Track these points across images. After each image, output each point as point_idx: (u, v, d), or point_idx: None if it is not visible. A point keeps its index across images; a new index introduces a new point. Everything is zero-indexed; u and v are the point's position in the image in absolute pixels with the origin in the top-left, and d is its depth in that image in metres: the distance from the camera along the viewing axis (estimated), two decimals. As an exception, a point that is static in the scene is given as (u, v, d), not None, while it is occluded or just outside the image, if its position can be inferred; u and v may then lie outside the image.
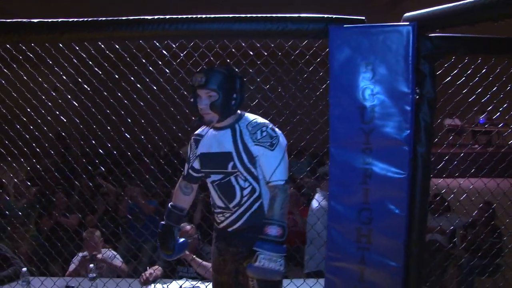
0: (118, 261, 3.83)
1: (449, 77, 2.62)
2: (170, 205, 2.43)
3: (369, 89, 2.33)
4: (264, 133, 2.12)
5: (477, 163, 3.39)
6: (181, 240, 2.43)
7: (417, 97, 2.32)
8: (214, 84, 2.04)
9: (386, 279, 2.45)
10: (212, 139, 2.23)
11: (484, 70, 2.71)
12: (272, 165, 2.12)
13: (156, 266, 3.54)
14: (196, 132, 2.35)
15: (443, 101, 2.70)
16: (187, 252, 3.50)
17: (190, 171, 2.39)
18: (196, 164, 2.34)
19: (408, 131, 2.31)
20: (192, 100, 2.14)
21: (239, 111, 2.22)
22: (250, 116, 2.23)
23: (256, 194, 2.18)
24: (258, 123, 2.17)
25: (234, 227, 2.23)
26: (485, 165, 3.32)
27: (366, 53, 2.32)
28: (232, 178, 2.16)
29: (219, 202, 2.25)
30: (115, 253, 3.94)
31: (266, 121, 2.20)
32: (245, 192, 2.17)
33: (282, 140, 2.19)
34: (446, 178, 3.28)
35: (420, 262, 2.46)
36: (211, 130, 2.26)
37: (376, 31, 2.31)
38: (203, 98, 2.08)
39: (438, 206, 4.95)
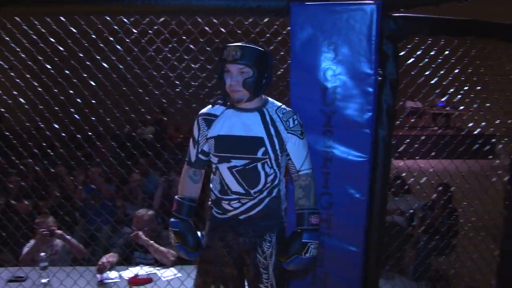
0: (75, 240, 3.67)
1: (412, 59, 2.58)
2: (180, 198, 2.18)
3: (331, 70, 2.27)
4: (296, 122, 2.02)
5: (437, 146, 3.41)
6: (199, 233, 2.21)
7: (380, 78, 2.27)
8: (249, 60, 1.88)
9: (346, 264, 2.43)
10: (234, 120, 2.03)
11: (446, 52, 2.68)
12: (303, 154, 2.05)
13: (112, 253, 3.42)
14: (205, 111, 2.09)
15: (405, 83, 2.66)
16: (144, 237, 3.40)
17: (200, 155, 2.14)
18: (206, 147, 2.11)
19: (370, 114, 2.27)
20: (219, 75, 1.96)
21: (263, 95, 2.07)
22: (275, 102, 2.09)
23: (277, 181, 2.09)
24: (288, 110, 2.05)
25: (250, 213, 2.09)
26: (445, 147, 3.35)
27: (328, 32, 2.24)
28: (259, 165, 2.02)
29: (236, 188, 2.06)
30: (69, 237, 3.77)
31: (293, 109, 2.07)
32: (269, 178, 2.05)
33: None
34: (406, 160, 3.28)
35: (380, 247, 2.45)
36: (229, 110, 2.05)
37: (339, 9, 2.24)
38: (234, 74, 1.91)
39: (399, 188, 5.03)
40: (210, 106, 2.09)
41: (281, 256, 2.04)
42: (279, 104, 2.06)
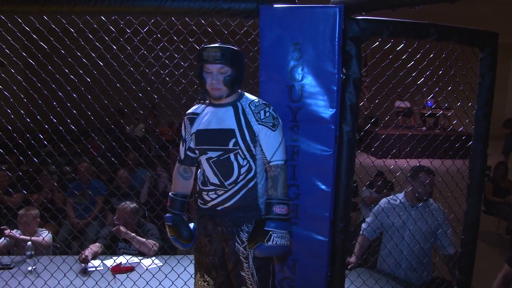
0: (41, 236, 3.75)
1: (400, 61, 2.71)
2: (173, 194, 2.35)
3: (297, 69, 2.40)
4: (268, 114, 2.14)
5: (422, 144, 3.52)
6: (192, 225, 2.35)
7: (343, 77, 2.40)
8: (228, 60, 2.05)
9: (313, 252, 2.56)
10: (211, 115, 2.18)
11: (431, 55, 2.80)
12: (274, 145, 2.16)
13: (97, 244, 3.55)
14: (189, 111, 2.28)
15: (394, 84, 2.79)
16: (124, 230, 3.51)
17: (188, 152, 2.32)
18: (192, 144, 2.26)
19: (334, 110, 2.40)
20: (198, 74, 2.12)
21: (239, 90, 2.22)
22: (250, 96, 2.23)
23: (252, 173, 2.19)
24: (261, 103, 2.18)
25: (226, 205, 2.19)
26: (430, 145, 3.49)
27: (294, 33, 2.38)
28: (232, 155, 2.14)
29: (213, 179, 2.18)
30: (48, 231, 3.86)
31: (267, 102, 2.21)
32: (243, 170, 2.16)
33: (281, 122, 2.22)
34: (391, 158, 3.41)
35: (346, 236, 2.58)
36: (209, 107, 2.22)
37: (305, 11, 2.37)
38: (214, 73, 2.06)
39: (382, 185, 5.18)
40: (193, 107, 2.27)
41: (249, 242, 2.15)
42: (254, 98, 2.20)
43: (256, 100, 2.19)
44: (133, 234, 3.53)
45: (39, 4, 2.42)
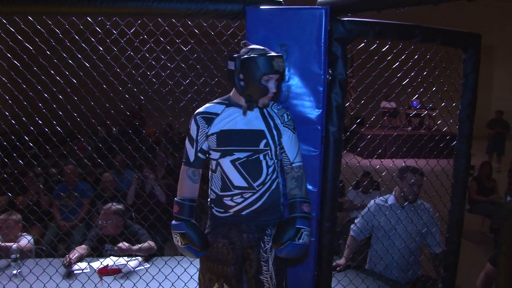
0: (24, 241, 3.66)
1: (385, 62, 2.73)
2: (180, 199, 2.18)
3: (284, 70, 2.41)
4: (289, 117, 2.18)
5: (407, 144, 3.58)
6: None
7: (329, 78, 2.43)
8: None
9: (301, 252, 2.58)
10: (236, 116, 2.12)
11: (416, 56, 2.84)
12: (295, 147, 2.20)
13: (83, 246, 3.52)
14: (203, 110, 2.15)
15: (379, 84, 2.82)
16: (125, 247, 3.38)
17: (199, 154, 2.18)
18: (206, 145, 2.16)
19: (320, 111, 2.43)
20: (259, 82, 2.00)
21: None
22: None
23: (275, 173, 2.20)
24: (281, 107, 2.22)
25: (253, 208, 2.15)
26: (415, 145, 3.54)
27: (281, 35, 2.40)
28: (261, 156, 2.13)
29: (239, 182, 2.12)
30: (30, 236, 3.81)
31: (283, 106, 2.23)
32: (270, 170, 2.15)
33: None
34: (377, 158, 3.45)
35: (333, 236, 2.60)
36: (231, 108, 2.14)
37: (291, 13, 2.39)
38: (273, 82, 2.04)
39: (368, 185, 5.23)
40: (206, 106, 2.16)
41: (275, 243, 2.11)
42: (272, 101, 2.20)
43: (275, 104, 2.22)
44: (137, 246, 3.47)
45: (25, 4, 2.40)
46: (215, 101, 2.18)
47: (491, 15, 11.76)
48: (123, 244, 3.36)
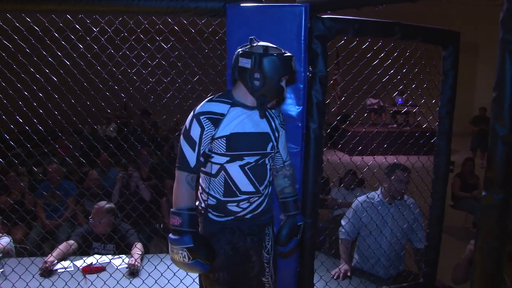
0: (3, 241, 3.63)
1: (365, 59, 2.76)
2: (177, 210, 1.93)
3: (264, 67, 2.42)
4: (283, 117, 2.19)
5: (388, 140, 3.61)
6: None
7: (310, 75, 2.44)
8: None
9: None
10: (243, 117, 1.97)
11: (396, 54, 2.87)
12: (286, 145, 2.24)
13: (65, 244, 3.49)
14: (206, 109, 1.93)
15: (360, 81, 2.84)
16: (133, 262, 3.28)
17: (201, 158, 1.97)
18: (207, 149, 1.97)
19: (301, 108, 2.44)
20: (277, 83, 1.91)
21: None
22: None
23: (271, 174, 2.19)
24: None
25: (258, 211, 2.09)
26: (396, 142, 3.59)
27: (261, 32, 2.38)
28: (267, 159, 2.08)
29: (246, 187, 2.01)
30: (9, 237, 3.78)
31: None
32: (270, 172, 2.13)
33: None
34: (358, 155, 3.48)
35: (315, 232, 2.62)
36: (237, 108, 1.98)
37: (272, 10, 2.40)
38: (284, 82, 1.96)
39: (351, 182, 5.27)
40: (207, 104, 1.96)
41: (281, 242, 2.18)
42: None
43: None
44: (137, 255, 3.43)
45: (2, 2, 2.38)
46: (215, 99, 1.97)
47: (477, 13, 11.89)
48: (132, 260, 3.30)
